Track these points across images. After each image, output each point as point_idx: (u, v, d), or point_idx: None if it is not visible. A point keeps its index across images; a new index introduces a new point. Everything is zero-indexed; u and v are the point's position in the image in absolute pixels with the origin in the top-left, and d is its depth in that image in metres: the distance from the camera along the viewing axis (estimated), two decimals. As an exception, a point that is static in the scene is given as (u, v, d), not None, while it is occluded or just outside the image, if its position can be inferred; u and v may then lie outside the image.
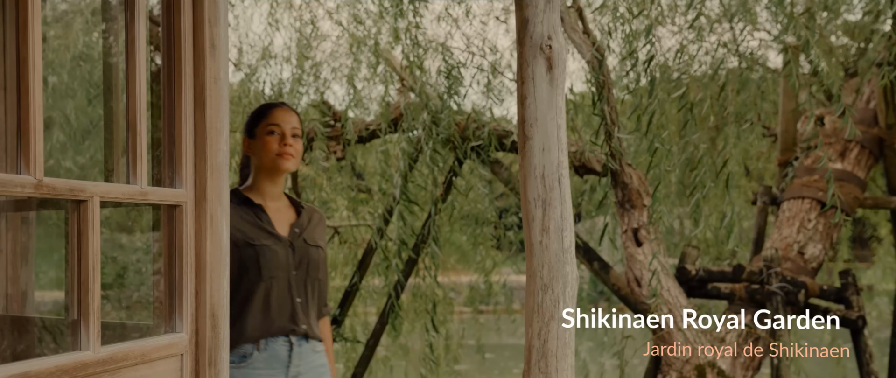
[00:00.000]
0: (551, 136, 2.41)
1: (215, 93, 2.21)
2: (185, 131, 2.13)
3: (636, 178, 5.36)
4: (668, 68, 4.91)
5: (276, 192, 2.78)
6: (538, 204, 2.40)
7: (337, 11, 6.66)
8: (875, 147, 6.07)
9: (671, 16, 5.74)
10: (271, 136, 2.72)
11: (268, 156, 2.72)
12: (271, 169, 2.74)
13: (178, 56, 2.16)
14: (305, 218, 2.81)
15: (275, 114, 2.76)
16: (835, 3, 6.51)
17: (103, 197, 1.83)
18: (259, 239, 2.68)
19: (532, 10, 2.46)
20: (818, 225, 5.80)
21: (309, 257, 2.74)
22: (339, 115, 6.28)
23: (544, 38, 2.43)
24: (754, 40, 6.89)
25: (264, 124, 2.75)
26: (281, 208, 2.79)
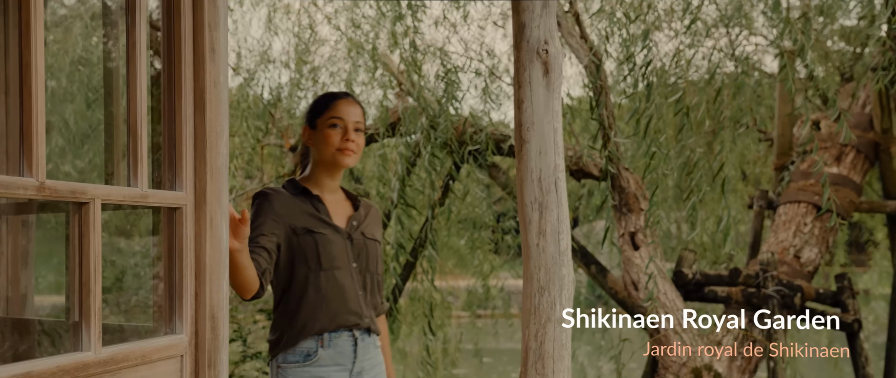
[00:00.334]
0: (548, 140, 2.43)
1: (215, 96, 2.23)
2: (185, 134, 2.15)
3: (633, 182, 5.38)
4: (664, 73, 4.94)
5: (333, 185, 2.69)
6: (535, 207, 2.42)
7: (335, 16, 6.69)
8: (870, 151, 6.11)
9: (668, 20, 5.76)
10: (333, 129, 2.61)
11: (328, 150, 2.61)
12: (331, 163, 2.63)
13: (179, 60, 2.18)
14: (362, 211, 2.71)
15: (338, 106, 2.64)
16: (830, 8, 6.54)
17: (104, 199, 1.85)
18: (318, 227, 2.57)
19: (529, 14, 2.48)
20: (814, 229, 5.83)
21: (367, 250, 2.64)
22: (338, 119, 6.29)
23: (541, 43, 2.45)
24: (750, 45, 6.93)
25: (327, 116, 2.62)
26: (338, 200, 2.69)
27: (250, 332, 6.21)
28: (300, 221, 2.55)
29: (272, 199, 2.57)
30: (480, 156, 5.74)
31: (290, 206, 2.55)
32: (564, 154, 2.53)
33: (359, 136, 2.64)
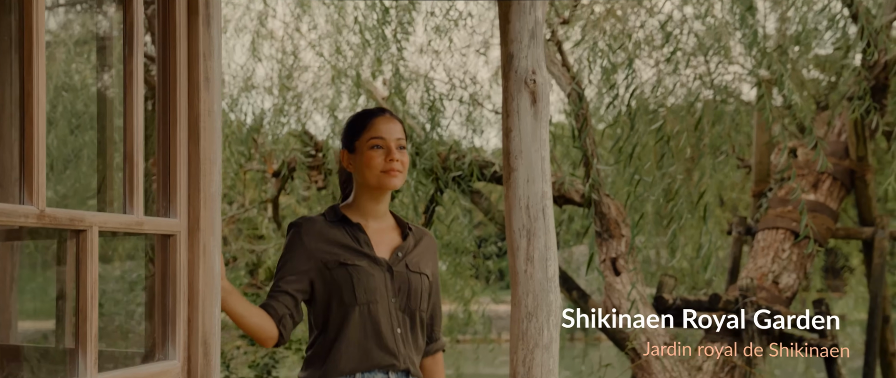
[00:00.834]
0: (535, 168, 2.48)
1: (209, 125, 2.27)
2: (179, 162, 2.17)
3: (614, 209, 5.44)
4: (645, 101, 5.02)
5: (379, 210, 2.47)
6: (523, 234, 2.46)
7: (319, 43, 6.74)
8: (846, 179, 6.21)
9: (647, 49, 5.85)
10: (376, 151, 2.40)
11: (372, 173, 2.40)
12: (376, 187, 2.42)
13: (174, 89, 2.21)
14: (411, 241, 2.48)
15: (377, 124, 2.43)
16: (806, 38, 6.67)
17: (102, 227, 1.87)
18: (353, 259, 2.38)
19: (517, 45, 2.54)
20: (792, 255, 5.91)
21: (410, 284, 2.41)
22: (321, 144, 6.34)
23: (528, 73, 2.51)
24: (728, 74, 7.04)
25: (366, 137, 2.42)
26: (384, 229, 2.48)
27: (233, 357, 6.20)
28: (334, 253, 2.38)
29: (303, 232, 2.42)
30: (464, 182, 5.79)
31: (325, 237, 2.39)
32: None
33: (403, 154, 2.44)
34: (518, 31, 2.54)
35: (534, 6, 2.56)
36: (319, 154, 6.28)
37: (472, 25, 6.44)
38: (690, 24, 5.89)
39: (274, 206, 6.92)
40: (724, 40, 5.83)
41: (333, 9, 6.59)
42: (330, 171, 6.21)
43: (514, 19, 2.55)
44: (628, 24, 5.84)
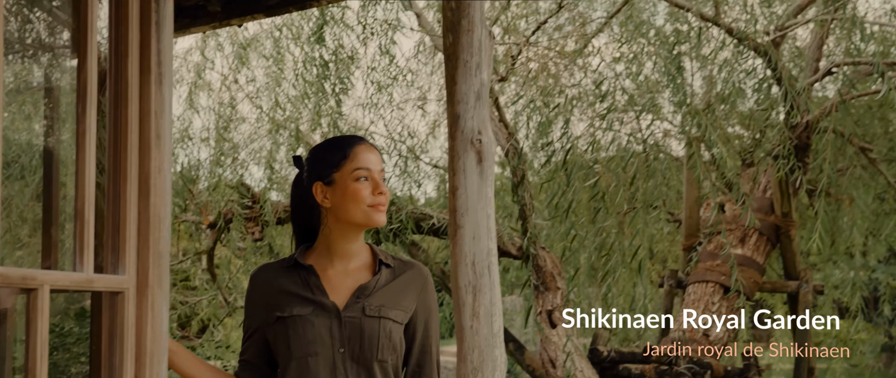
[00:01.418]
0: (481, 226, 2.54)
1: (159, 182, 2.28)
2: (129, 219, 2.18)
3: (550, 262, 5.53)
4: (580, 156, 5.16)
5: (352, 249, 2.20)
6: (469, 290, 2.51)
7: (257, 95, 6.75)
8: (772, 234, 6.43)
9: (580, 106, 6.02)
10: (362, 183, 2.16)
11: (358, 207, 2.15)
12: (362, 223, 2.17)
13: (125, 146, 2.22)
14: (382, 279, 2.20)
15: (362, 154, 2.19)
16: (730, 95, 6.92)
17: (53, 285, 1.87)
18: (293, 308, 2.13)
19: (463, 106, 2.61)
20: (722, 308, 6.07)
21: (362, 331, 2.11)
22: (258, 196, 6.32)
23: (475, 133, 2.58)
24: (659, 131, 7.25)
25: (349, 168, 2.17)
26: (351, 270, 2.19)
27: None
28: (277, 305, 2.16)
29: (252, 285, 2.25)
30: (401, 234, 5.82)
31: (272, 287, 2.19)
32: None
33: (385, 188, 2.22)
34: (464, 92, 2.61)
35: (480, 68, 2.64)
36: (256, 205, 6.26)
37: (411, 80, 6.54)
38: (621, 82, 6.08)
39: (209, 257, 6.85)
40: (654, 98, 6.03)
41: (272, 61, 6.63)
42: (267, 222, 6.19)
43: (461, 80, 2.62)
44: (561, 82, 6.00)
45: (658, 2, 6.60)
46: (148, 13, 2.32)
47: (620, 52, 6.23)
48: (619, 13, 6.30)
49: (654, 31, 6.32)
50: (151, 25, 2.31)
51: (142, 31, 2.31)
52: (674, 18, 6.42)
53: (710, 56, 6.18)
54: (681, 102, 5.72)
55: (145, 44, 2.30)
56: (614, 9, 6.42)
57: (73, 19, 2.38)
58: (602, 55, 6.54)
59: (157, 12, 2.34)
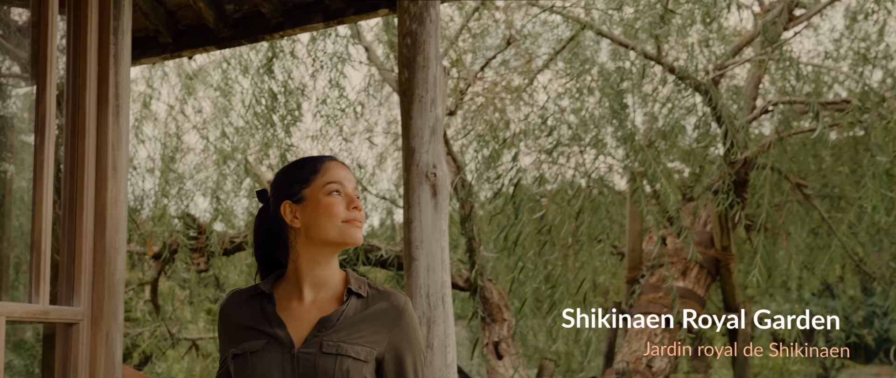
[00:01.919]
0: (436, 258, 2.58)
1: (115, 214, 2.28)
2: (84, 251, 2.18)
3: (497, 294, 5.59)
4: (527, 189, 5.24)
5: (322, 276, 1.97)
6: (423, 321, 2.55)
7: (204, 126, 6.72)
8: (712, 267, 6.58)
9: (526, 141, 6.12)
10: (334, 197, 1.94)
11: (333, 223, 1.92)
12: (337, 241, 1.94)
13: (81, 177, 2.22)
14: (349, 311, 1.94)
15: (334, 169, 1.99)
16: (671, 131, 7.10)
17: (9, 316, 1.86)
18: (244, 344, 1.93)
19: (418, 140, 2.66)
20: (664, 339, 6.18)
21: (316, 371, 1.87)
22: (204, 227, 6.27)
23: (430, 167, 2.63)
24: (603, 165, 7.40)
25: (321, 182, 1.96)
26: (320, 300, 1.96)
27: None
28: (233, 338, 1.97)
29: (220, 315, 2.04)
30: (349, 265, 5.83)
31: (234, 319, 1.99)
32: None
33: (360, 204, 2.01)
34: (419, 127, 2.66)
35: (434, 103, 2.70)
36: (202, 236, 6.21)
37: (360, 112, 6.58)
38: (566, 117, 6.21)
39: (153, 288, 6.76)
40: (597, 132, 6.16)
41: (220, 93, 6.61)
42: (213, 253, 6.14)
43: (416, 116, 2.68)
44: (508, 116, 6.11)
45: (601, 39, 6.76)
46: (106, 45, 2.34)
47: (565, 87, 6.36)
48: (564, 50, 6.44)
49: (597, 68, 6.48)
50: (110, 58, 2.33)
51: (100, 64, 2.32)
52: (617, 56, 6.59)
53: (652, 94, 6.34)
54: (624, 138, 5.85)
55: (103, 76, 2.32)
56: (560, 45, 6.56)
57: (31, 51, 2.38)
58: (547, 91, 6.68)
59: (115, 44, 2.36)
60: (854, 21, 7.15)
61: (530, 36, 6.46)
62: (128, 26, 2.42)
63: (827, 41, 7.46)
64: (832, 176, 8.21)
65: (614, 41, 6.38)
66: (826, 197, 8.11)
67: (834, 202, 8.26)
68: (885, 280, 7.99)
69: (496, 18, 6.56)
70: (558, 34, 6.88)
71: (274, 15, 3.51)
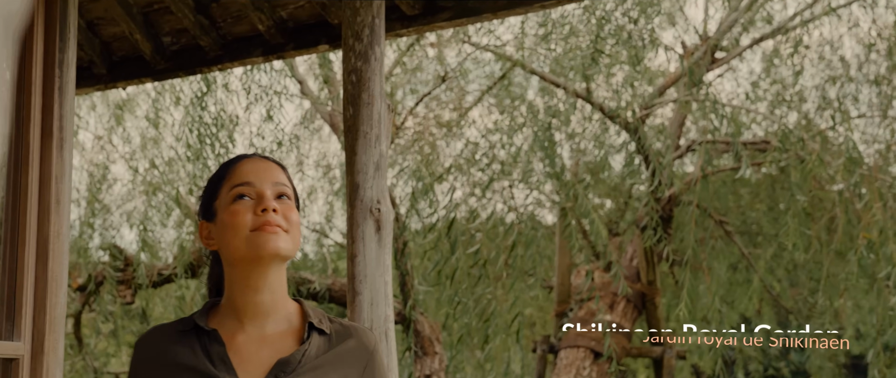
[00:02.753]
0: (379, 292, 2.61)
1: (58, 247, 2.26)
2: (26, 284, 2.15)
3: (428, 327, 5.62)
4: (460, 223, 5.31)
5: (262, 304, 1.59)
6: (366, 356, 2.57)
7: (132, 156, 6.63)
8: (638, 301, 6.73)
9: (459, 175, 6.19)
10: (241, 203, 1.58)
11: (238, 237, 1.56)
12: (248, 259, 1.56)
13: (24, 210, 2.20)
14: (312, 350, 1.58)
15: (242, 168, 1.63)
16: (598, 167, 7.28)
17: (-49, 351, 1.83)
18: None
19: (362, 176, 2.70)
20: (592, 373, 6.28)
21: None
22: (131, 259, 6.17)
23: (374, 202, 2.67)
24: (530, 200, 7.52)
25: (227, 188, 1.61)
26: (269, 336, 1.60)
27: None
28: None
29: (136, 358, 1.65)
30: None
31: (163, 359, 1.60)
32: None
33: (286, 207, 1.60)
34: (364, 162, 2.70)
35: (379, 140, 2.74)
36: (129, 268, 6.10)
37: (294, 144, 6.57)
38: (496, 152, 6.32)
39: (76, 321, 6.59)
40: (529, 168, 6.28)
41: (148, 123, 6.54)
42: (140, 286, 6.03)
43: (361, 152, 2.71)
44: (442, 151, 6.18)
45: (530, 76, 6.91)
46: (51, 78, 2.33)
47: (496, 124, 6.48)
48: (495, 86, 6.57)
49: (526, 104, 6.62)
50: (55, 90, 2.32)
51: (44, 96, 2.31)
52: (545, 93, 6.74)
53: (582, 132, 6.50)
54: (554, 174, 5.98)
55: (48, 108, 2.30)
56: (490, 82, 6.68)
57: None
58: (477, 127, 6.79)
59: (60, 77, 2.35)
60: (771, 64, 7.46)
61: (462, 72, 6.56)
62: (73, 59, 2.42)
63: (746, 83, 7.74)
64: (750, 213, 8.50)
65: (544, 79, 6.54)
66: (744, 233, 8.38)
67: (751, 238, 8.54)
68: (801, 314, 8.28)
69: (429, 55, 6.65)
70: (489, 70, 7.01)
71: (212, 48, 3.51)
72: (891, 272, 4.79)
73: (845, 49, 9.56)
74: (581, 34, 6.08)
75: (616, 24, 5.97)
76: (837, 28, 7.24)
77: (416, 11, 3.29)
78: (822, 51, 7.16)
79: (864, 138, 6.80)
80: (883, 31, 6.71)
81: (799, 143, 5.77)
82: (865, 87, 6.91)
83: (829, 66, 7.09)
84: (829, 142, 6.30)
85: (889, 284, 5.15)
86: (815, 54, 7.12)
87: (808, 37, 6.78)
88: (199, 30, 3.40)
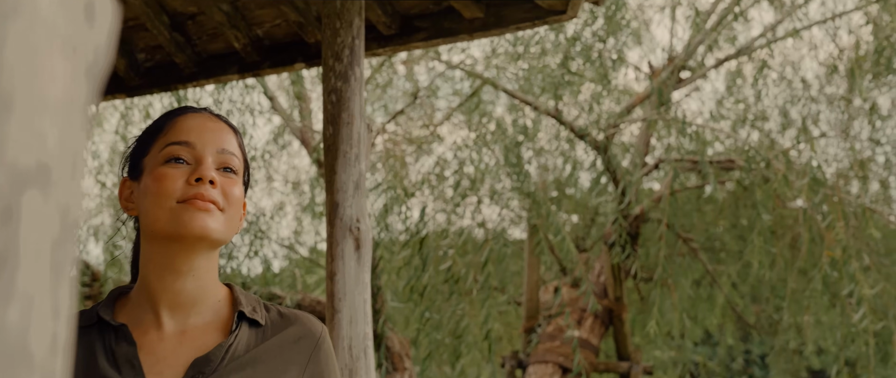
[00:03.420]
0: (358, 310, 2.64)
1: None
2: None
3: (398, 343, 5.64)
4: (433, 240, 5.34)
5: (181, 291, 1.27)
6: (346, 373, 2.59)
7: (100, 172, 6.58)
8: (606, 317, 6.80)
9: (430, 191, 6.23)
10: (172, 166, 1.27)
11: (160, 206, 1.24)
12: (169, 236, 1.24)
13: None
14: (240, 345, 1.27)
15: (182, 124, 1.32)
16: (567, 183, 7.35)
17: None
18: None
19: (342, 195, 2.73)
20: (561, 388, 6.34)
21: None
22: (98, 274, 6.12)
23: (353, 221, 2.69)
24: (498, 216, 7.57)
25: (161, 145, 1.30)
26: (191, 330, 1.28)
27: None
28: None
29: None
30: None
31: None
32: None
33: (229, 182, 1.29)
34: (344, 181, 2.73)
35: (358, 159, 2.77)
36: (96, 283, 6.05)
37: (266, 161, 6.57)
38: (466, 168, 6.37)
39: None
40: (501, 184, 6.34)
41: (117, 137, 6.51)
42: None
43: (340, 170, 2.74)
44: (413, 167, 6.22)
45: (499, 94, 6.98)
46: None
47: (464, 141, 6.53)
48: (465, 103, 6.63)
49: (495, 122, 6.68)
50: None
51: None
52: (514, 110, 6.81)
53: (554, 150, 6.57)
54: (525, 193, 6.03)
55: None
56: (461, 99, 6.74)
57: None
58: (446, 144, 6.84)
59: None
60: (734, 83, 7.60)
61: (431, 91, 6.62)
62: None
63: (710, 102, 7.89)
64: (714, 229, 8.63)
65: (514, 97, 6.61)
66: (709, 250, 8.51)
67: (714, 254, 8.67)
68: (763, 330, 8.42)
69: (399, 72, 6.70)
70: (459, 87, 7.07)
71: (187, 65, 3.52)
72: (853, 289, 4.91)
73: (806, 70, 9.78)
74: (550, 53, 6.17)
75: (585, 43, 6.06)
76: (799, 49, 7.41)
77: (393, 31, 3.34)
78: (784, 71, 7.31)
79: (823, 158, 6.95)
80: (843, 53, 6.88)
81: (764, 162, 5.89)
82: (826, 108, 7.07)
83: (790, 86, 7.25)
84: (792, 161, 6.44)
85: (852, 301, 5.27)
86: (776, 75, 7.27)
87: (771, 58, 6.93)
88: (174, 47, 3.41)
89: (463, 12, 3.27)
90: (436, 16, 3.39)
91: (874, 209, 5.99)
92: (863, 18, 6.62)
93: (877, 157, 7.06)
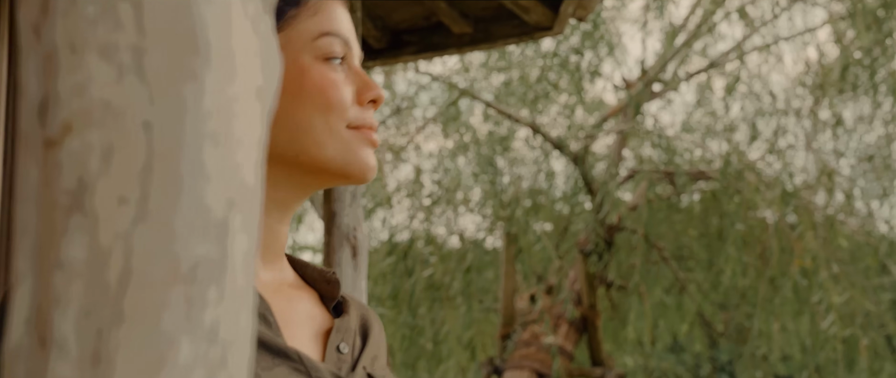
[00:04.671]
0: (356, 316, 2.72)
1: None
2: None
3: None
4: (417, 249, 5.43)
5: (282, 240, 0.93)
6: (343, 377, 2.68)
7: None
8: (580, 324, 6.92)
9: (410, 199, 6.32)
10: (332, 68, 0.90)
11: (329, 126, 0.88)
12: (331, 173, 0.90)
13: None
14: (353, 319, 0.94)
15: (332, 7, 0.91)
16: (544, 192, 7.47)
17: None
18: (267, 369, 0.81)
19: (339, 204, 2.82)
20: (537, 394, 6.44)
21: None
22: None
23: (350, 229, 2.78)
24: (474, 224, 7.68)
25: (309, 26, 0.90)
26: (287, 291, 0.92)
27: None
28: None
29: None
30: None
31: None
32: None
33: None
34: (341, 191, 2.82)
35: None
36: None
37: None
38: (444, 177, 6.47)
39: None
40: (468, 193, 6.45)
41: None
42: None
43: (338, 181, 2.83)
44: (393, 176, 6.31)
45: (475, 103, 7.09)
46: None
47: (441, 150, 6.64)
48: (443, 113, 6.73)
49: (471, 132, 6.79)
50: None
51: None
52: (491, 120, 6.92)
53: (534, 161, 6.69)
54: (502, 203, 6.15)
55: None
56: (439, 110, 6.85)
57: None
58: (422, 153, 6.94)
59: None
60: (703, 96, 7.77)
61: (411, 102, 6.71)
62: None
63: (681, 114, 8.07)
64: (683, 238, 8.78)
65: (494, 108, 6.72)
66: (679, 258, 8.66)
67: (683, 263, 8.82)
68: (731, 337, 8.58)
69: (379, 82, 6.79)
70: (436, 97, 7.17)
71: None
72: (823, 297, 5.07)
73: (774, 83, 10.01)
74: (527, 66, 6.29)
75: (561, 57, 6.20)
76: (767, 63, 7.60)
77: (383, 45, 3.44)
78: (751, 85, 7.49)
79: (789, 170, 7.13)
80: (809, 67, 7.08)
81: (736, 174, 6.05)
82: (792, 121, 7.26)
83: (759, 99, 7.43)
84: (760, 172, 6.61)
85: (821, 309, 5.44)
86: (745, 87, 7.45)
87: (744, 70, 7.11)
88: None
89: (452, 28, 3.37)
90: (425, 31, 3.50)
91: (841, 220, 6.18)
92: (830, 35, 6.83)
93: (841, 170, 7.26)
